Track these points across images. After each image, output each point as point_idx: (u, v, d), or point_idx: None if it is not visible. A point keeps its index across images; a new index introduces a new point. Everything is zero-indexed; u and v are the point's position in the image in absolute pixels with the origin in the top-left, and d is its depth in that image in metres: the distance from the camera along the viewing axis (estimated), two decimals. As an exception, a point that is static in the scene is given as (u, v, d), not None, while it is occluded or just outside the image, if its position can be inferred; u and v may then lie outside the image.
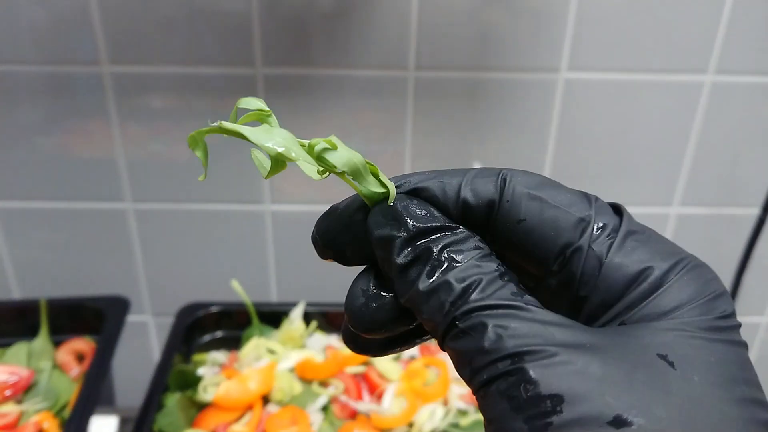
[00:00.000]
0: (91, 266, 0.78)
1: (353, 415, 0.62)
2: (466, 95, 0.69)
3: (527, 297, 0.19)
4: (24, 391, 0.61)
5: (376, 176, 0.21)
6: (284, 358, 0.66)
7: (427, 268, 0.19)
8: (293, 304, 0.72)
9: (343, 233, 0.22)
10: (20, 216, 0.75)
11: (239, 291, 0.70)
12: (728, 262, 0.75)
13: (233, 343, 0.71)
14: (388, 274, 0.21)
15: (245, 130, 0.20)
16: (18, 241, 0.77)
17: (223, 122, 0.20)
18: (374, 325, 0.21)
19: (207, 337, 0.71)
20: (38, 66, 0.67)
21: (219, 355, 0.68)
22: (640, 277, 0.19)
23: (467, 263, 0.19)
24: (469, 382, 0.18)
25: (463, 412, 0.61)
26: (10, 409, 0.59)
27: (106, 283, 0.79)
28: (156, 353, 0.85)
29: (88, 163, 0.72)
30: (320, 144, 0.21)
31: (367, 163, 0.21)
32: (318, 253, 0.23)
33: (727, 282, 0.71)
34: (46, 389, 0.61)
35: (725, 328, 0.19)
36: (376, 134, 0.71)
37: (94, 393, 0.57)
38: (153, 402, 0.60)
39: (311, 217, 0.80)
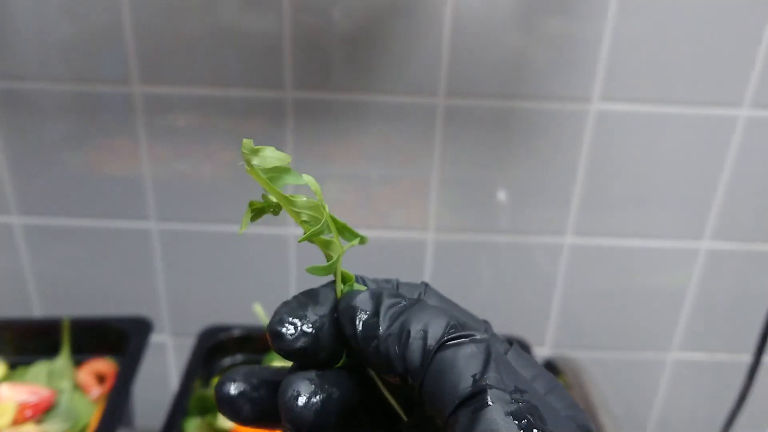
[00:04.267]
0: (112, 284, 0.78)
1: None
2: (495, 123, 0.68)
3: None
4: (44, 411, 0.60)
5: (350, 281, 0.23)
6: (306, 385, 0.65)
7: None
8: (314, 329, 0.71)
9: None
10: (44, 232, 0.75)
11: (261, 315, 0.70)
12: (761, 299, 0.74)
13: (253, 368, 0.70)
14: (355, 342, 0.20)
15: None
16: (41, 257, 0.77)
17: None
18: (322, 420, 0.20)
19: (228, 361, 0.70)
20: (66, 84, 0.67)
21: (239, 380, 0.68)
22: None
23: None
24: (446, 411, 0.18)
25: None
26: (30, 429, 0.58)
27: (126, 301, 0.78)
28: (174, 373, 0.84)
29: (114, 181, 0.72)
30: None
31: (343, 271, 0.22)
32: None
33: (759, 322, 0.69)
34: (66, 410, 0.60)
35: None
36: (402, 159, 0.71)
37: (116, 416, 0.57)
38: (173, 427, 0.59)
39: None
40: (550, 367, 0.72)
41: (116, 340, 0.66)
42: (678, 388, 0.83)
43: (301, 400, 0.19)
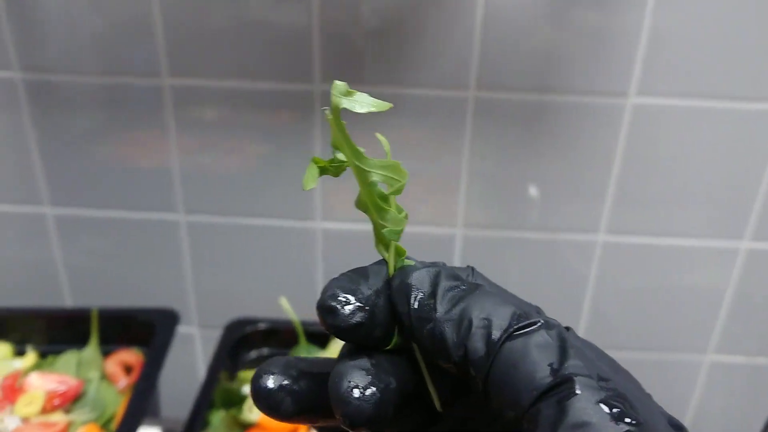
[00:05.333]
0: (140, 275, 0.79)
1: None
2: (527, 117, 0.66)
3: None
4: (72, 400, 0.61)
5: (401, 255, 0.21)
6: (331, 380, 0.64)
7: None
8: (340, 324, 0.71)
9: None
10: (75, 223, 0.76)
11: (287, 309, 0.69)
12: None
13: (279, 362, 0.70)
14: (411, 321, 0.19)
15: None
16: (72, 247, 0.78)
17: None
18: (380, 414, 0.18)
19: (253, 354, 0.70)
20: (97, 76, 0.68)
21: (265, 374, 0.67)
22: None
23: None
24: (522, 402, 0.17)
25: None
26: (59, 418, 0.59)
27: (154, 292, 0.79)
28: (200, 365, 0.85)
29: (143, 173, 0.73)
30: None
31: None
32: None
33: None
34: (94, 400, 0.61)
35: None
36: (432, 153, 0.69)
37: (142, 406, 0.57)
38: (198, 419, 0.59)
39: (362, 236, 0.79)
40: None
41: (143, 331, 0.67)
42: (714, 391, 0.80)
43: (358, 393, 0.18)
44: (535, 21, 0.62)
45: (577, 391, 0.16)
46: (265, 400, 0.20)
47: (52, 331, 0.68)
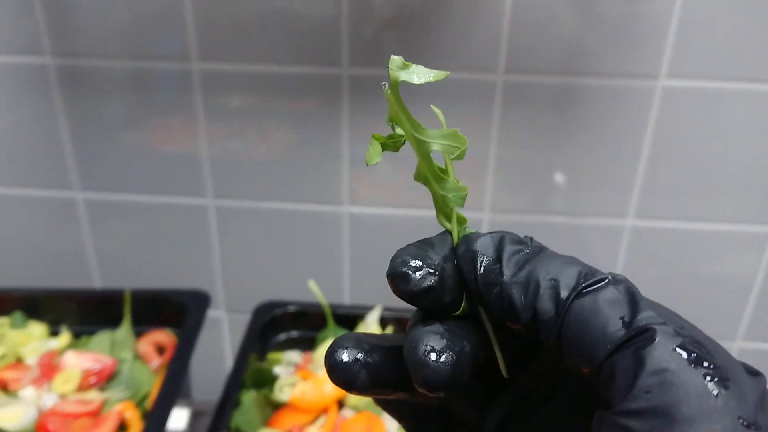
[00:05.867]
0: (169, 259, 0.80)
1: (429, 425, 0.60)
2: (556, 101, 0.66)
3: None
4: (107, 379, 0.62)
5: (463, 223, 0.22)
6: (359, 362, 0.65)
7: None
8: (366, 308, 0.71)
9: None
10: (104, 208, 0.77)
11: (316, 292, 0.70)
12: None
13: (307, 344, 0.70)
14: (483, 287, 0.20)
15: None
16: (102, 231, 0.79)
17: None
18: (457, 377, 0.19)
19: (282, 336, 0.71)
20: (127, 61, 0.68)
21: (294, 355, 0.68)
22: None
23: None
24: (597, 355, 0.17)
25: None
26: (94, 396, 0.60)
27: (182, 277, 0.80)
28: (227, 348, 0.85)
29: (172, 158, 0.73)
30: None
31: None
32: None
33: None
34: (128, 379, 0.62)
35: None
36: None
37: (176, 386, 0.58)
38: (230, 398, 0.60)
39: (388, 220, 0.79)
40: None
41: (175, 312, 0.67)
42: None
43: (434, 356, 0.18)
44: (565, 3, 0.62)
45: (655, 338, 0.17)
46: (341, 373, 0.20)
47: (85, 312, 0.69)
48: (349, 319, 0.71)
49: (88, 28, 0.67)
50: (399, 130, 0.21)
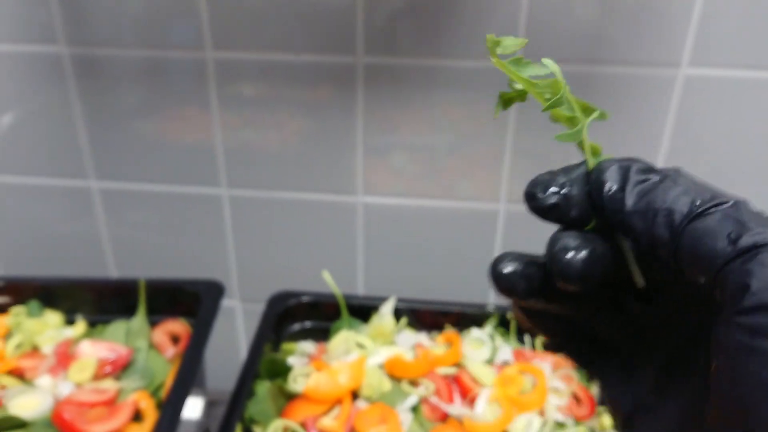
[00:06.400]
0: (183, 249, 0.80)
1: (444, 417, 0.60)
2: (575, 89, 0.65)
3: None
4: (122, 368, 0.62)
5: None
6: (374, 353, 0.65)
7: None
8: (380, 299, 0.71)
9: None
10: (119, 197, 0.77)
11: (330, 282, 0.70)
12: None
13: (321, 335, 0.70)
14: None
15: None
16: (117, 221, 0.79)
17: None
18: (588, 272, 0.22)
19: (296, 327, 0.71)
20: (140, 50, 0.68)
21: (308, 346, 0.68)
22: None
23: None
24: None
25: (560, 425, 0.58)
26: (109, 385, 0.60)
27: (197, 266, 0.80)
28: (241, 338, 0.86)
29: (187, 148, 0.73)
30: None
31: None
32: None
33: None
34: (143, 368, 0.62)
35: None
36: (476, 127, 0.69)
37: (191, 376, 0.58)
38: (244, 388, 0.60)
39: (403, 211, 0.79)
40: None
41: (190, 302, 0.67)
42: None
43: (570, 252, 0.22)
44: (586, -10, 0.61)
45: (762, 253, 0.18)
46: (505, 282, 0.23)
47: (100, 301, 0.70)
48: (363, 309, 0.70)
49: (103, 17, 0.67)
50: (517, 86, 0.25)
